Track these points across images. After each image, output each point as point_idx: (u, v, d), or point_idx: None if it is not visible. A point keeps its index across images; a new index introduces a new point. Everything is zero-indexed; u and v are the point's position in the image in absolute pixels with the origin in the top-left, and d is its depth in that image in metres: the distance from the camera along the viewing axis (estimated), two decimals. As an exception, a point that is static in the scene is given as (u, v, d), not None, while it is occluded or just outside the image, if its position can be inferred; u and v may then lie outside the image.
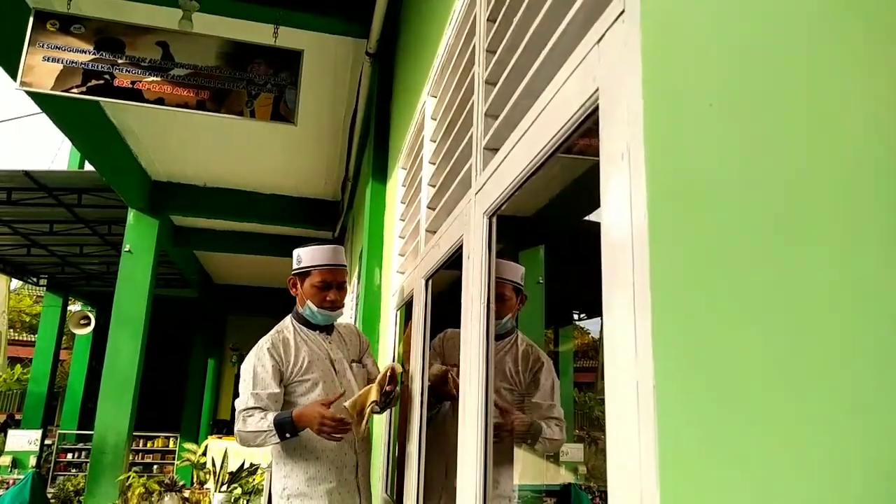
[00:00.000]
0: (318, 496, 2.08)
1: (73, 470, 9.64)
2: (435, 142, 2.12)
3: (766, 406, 0.50)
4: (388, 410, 2.64)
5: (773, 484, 0.49)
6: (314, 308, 2.24)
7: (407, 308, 2.61)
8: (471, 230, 1.43)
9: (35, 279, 10.21)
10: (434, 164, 2.10)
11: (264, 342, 2.21)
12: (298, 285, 2.29)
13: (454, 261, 1.79)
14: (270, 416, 2.02)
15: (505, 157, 1.27)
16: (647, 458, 0.65)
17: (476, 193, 1.42)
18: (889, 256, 0.41)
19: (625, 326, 0.73)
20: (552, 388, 1.99)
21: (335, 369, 2.22)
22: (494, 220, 1.35)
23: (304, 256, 2.28)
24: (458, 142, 1.72)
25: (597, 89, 0.86)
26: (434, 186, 2.08)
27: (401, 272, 2.79)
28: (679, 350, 0.63)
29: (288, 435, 2.01)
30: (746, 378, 0.53)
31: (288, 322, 2.31)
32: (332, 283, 2.24)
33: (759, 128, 0.55)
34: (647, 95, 0.73)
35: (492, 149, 1.41)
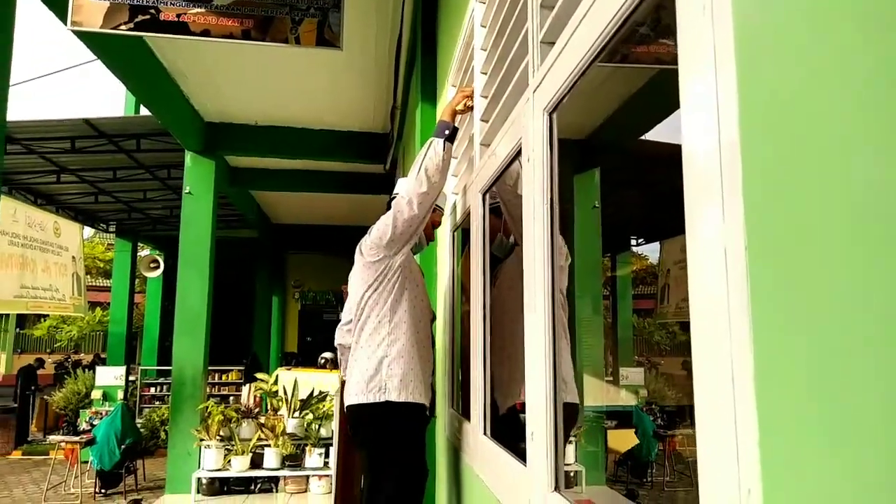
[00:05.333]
0: (408, 378, 2.19)
1: (157, 402, 10.32)
2: (486, 50, 2.03)
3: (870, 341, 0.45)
4: (449, 340, 2.67)
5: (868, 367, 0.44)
6: (422, 235, 2.43)
7: (464, 232, 2.59)
8: (529, 130, 1.37)
9: (105, 226, 10.67)
10: (486, 73, 2.02)
11: None
12: None
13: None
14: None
15: (564, 47, 1.19)
16: (746, 433, 0.61)
17: (534, 91, 1.35)
18: None
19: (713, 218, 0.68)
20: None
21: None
22: (554, 116, 1.29)
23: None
24: (512, 41, 1.63)
25: (671, -58, 0.77)
26: (486, 97, 2.01)
27: (455, 193, 2.76)
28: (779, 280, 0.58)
29: (448, 131, 2.22)
30: (853, 315, 0.47)
31: None
32: None
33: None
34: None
35: (548, 42, 1.33)
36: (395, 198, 2.39)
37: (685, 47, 0.74)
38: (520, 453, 1.67)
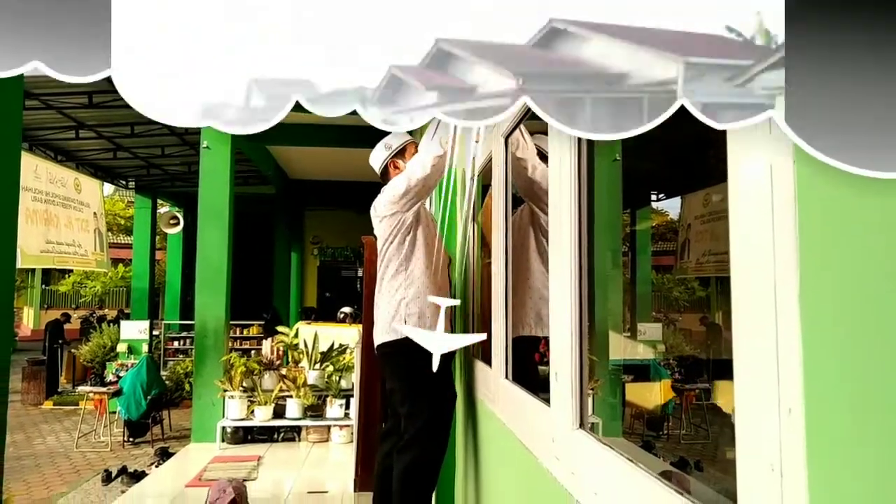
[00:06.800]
0: (425, 315, 2.39)
1: (181, 356, 10.56)
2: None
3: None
4: (470, 287, 2.67)
5: None
6: None
7: (484, 189, 2.59)
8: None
9: (124, 182, 10.75)
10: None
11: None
12: (401, 163, 2.61)
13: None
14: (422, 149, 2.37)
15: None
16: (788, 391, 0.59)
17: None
18: None
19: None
20: None
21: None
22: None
23: (394, 139, 2.66)
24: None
25: None
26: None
27: (476, 142, 2.72)
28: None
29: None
30: None
31: None
32: None
33: None
34: None
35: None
36: (383, 171, 2.64)
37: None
38: (519, 380, 1.73)
